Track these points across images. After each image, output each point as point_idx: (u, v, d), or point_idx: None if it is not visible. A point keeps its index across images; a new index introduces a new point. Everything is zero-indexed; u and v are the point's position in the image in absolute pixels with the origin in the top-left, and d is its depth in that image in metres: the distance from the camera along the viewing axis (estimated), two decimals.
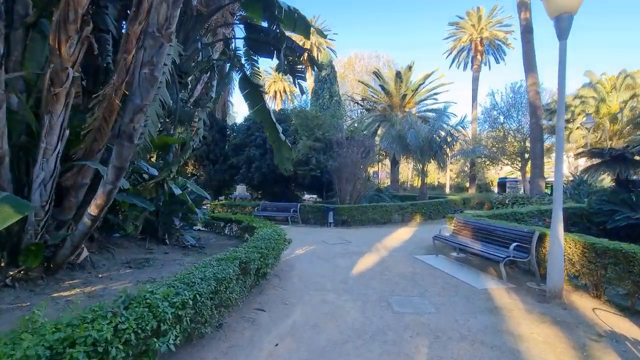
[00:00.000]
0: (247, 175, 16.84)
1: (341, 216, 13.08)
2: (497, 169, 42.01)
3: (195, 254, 6.40)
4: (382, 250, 8.34)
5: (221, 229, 9.59)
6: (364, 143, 14.59)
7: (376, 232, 11.34)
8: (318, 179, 16.08)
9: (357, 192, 14.60)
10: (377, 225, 13.34)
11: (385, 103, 25.93)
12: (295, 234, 11.22)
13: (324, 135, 15.18)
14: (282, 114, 17.97)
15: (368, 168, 15.09)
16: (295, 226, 13.26)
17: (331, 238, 10.09)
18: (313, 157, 14.47)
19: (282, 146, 6.28)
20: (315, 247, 8.69)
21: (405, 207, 14.33)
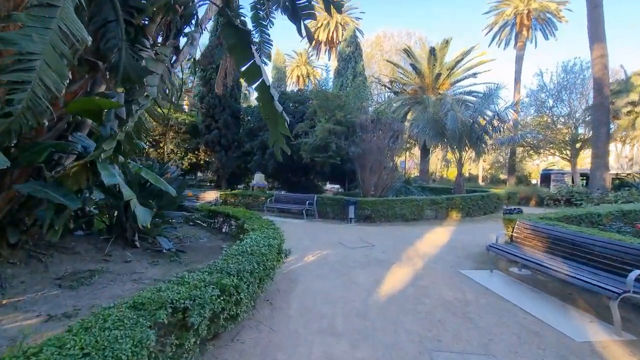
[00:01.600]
0: (261, 162, 15.33)
1: (364, 211, 11.26)
2: (538, 160, 38.30)
3: (166, 264, 4.86)
4: (416, 259, 6.47)
5: (220, 225, 8.08)
6: (392, 127, 12.55)
7: (406, 232, 9.43)
8: (339, 167, 14.27)
9: (383, 184, 12.66)
10: (405, 223, 11.39)
11: (416, 84, 23.39)
12: (310, 230, 9.58)
13: (345, 117, 13.27)
14: (300, 95, 16.18)
15: (396, 156, 13.10)
16: (311, 221, 11.59)
17: (351, 238, 8.33)
18: (333, 142, 12.65)
19: (278, 120, 4.53)
20: (330, 251, 6.96)
21: (439, 202, 12.24)
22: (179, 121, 15.97)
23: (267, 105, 4.50)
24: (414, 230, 9.78)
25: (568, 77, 25.39)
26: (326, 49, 36.25)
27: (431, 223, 11.48)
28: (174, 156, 15.98)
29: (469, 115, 15.42)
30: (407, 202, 11.69)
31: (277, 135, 4.83)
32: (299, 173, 15.89)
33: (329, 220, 11.82)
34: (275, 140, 4.97)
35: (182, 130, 16.14)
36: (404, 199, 11.75)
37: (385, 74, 26.97)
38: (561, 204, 15.93)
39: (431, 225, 11.06)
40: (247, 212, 7.33)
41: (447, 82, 23.42)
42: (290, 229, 9.71)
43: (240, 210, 7.44)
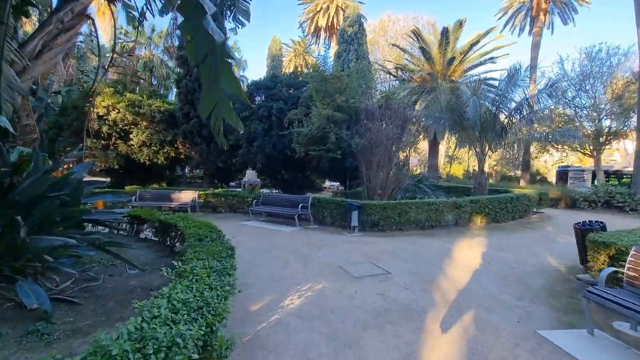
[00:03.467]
0: (248, 157, 13.03)
1: (370, 216, 9.00)
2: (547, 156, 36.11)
3: (14, 341, 2.58)
4: (457, 302, 4.21)
5: (172, 242, 5.79)
6: (404, 114, 10.25)
7: (426, 247, 7.16)
8: (339, 162, 12.00)
9: (394, 183, 10.39)
10: (422, 232, 9.14)
11: (425, 71, 21.03)
12: (301, 245, 7.30)
13: (347, 102, 10.96)
14: (294, 79, 13.83)
15: (408, 149, 10.83)
16: (305, 229, 9.33)
17: (356, 259, 6.07)
18: (331, 132, 10.35)
19: (221, 68, 2.28)
20: (326, 285, 4.71)
21: (462, 205, 9.98)
22: (152, 108, 13.65)
23: (197, 29, 2.27)
24: (435, 244, 7.52)
25: (592, 64, 23.06)
26: (326, 35, 33.78)
27: (453, 231, 9.23)
28: (147, 150, 13.67)
29: (491, 102, 13.13)
30: (423, 205, 9.43)
31: (217, 97, 2.59)
32: (293, 169, 13.60)
33: (327, 228, 9.56)
34: (215, 108, 2.74)
35: (156, 119, 13.82)
36: (420, 202, 9.49)
37: (390, 60, 24.58)
38: (598, 206, 13.69)
39: (454, 234, 8.81)
40: (205, 224, 5.06)
41: (460, 69, 21.07)
42: (276, 243, 7.46)
43: (196, 222, 5.15)
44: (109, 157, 13.09)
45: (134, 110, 13.43)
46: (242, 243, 7.38)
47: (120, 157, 13.46)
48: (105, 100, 12.90)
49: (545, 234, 9.30)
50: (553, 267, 5.86)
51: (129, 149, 13.60)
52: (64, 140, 12.85)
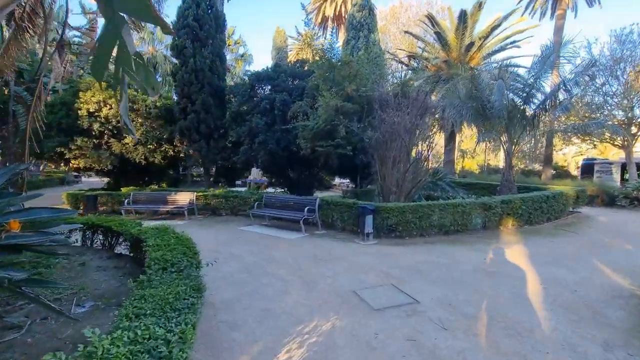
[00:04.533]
0: (250, 154, 11.94)
1: (386, 220, 7.81)
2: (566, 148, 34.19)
3: None
4: (524, 356, 3.00)
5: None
6: (424, 102, 8.96)
7: (458, 261, 5.93)
8: (349, 159, 10.82)
9: (411, 181, 9.15)
10: (447, 237, 7.91)
11: (440, 58, 19.54)
12: (305, 259, 6.09)
13: (358, 91, 9.72)
14: (298, 67, 12.64)
15: (427, 142, 9.51)
16: (311, 236, 8.20)
17: (372, 280, 4.90)
18: (340, 125, 9.13)
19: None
20: (337, 324, 3.55)
21: (492, 205, 8.68)
22: (147, 104, 12.66)
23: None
24: (468, 256, 6.28)
25: (622, 48, 21.14)
26: (334, 26, 32.34)
27: (483, 237, 7.96)
28: (142, 149, 12.70)
29: (521, 86, 11.68)
30: (448, 207, 8.17)
31: (114, 42, 1.46)
32: (299, 167, 12.47)
33: (337, 234, 8.41)
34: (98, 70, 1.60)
35: (152, 115, 12.83)
36: (444, 203, 8.23)
37: (402, 49, 23.10)
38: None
39: (485, 241, 7.54)
40: (181, 241, 3.97)
41: (479, 56, 19.50)
42: (276, 257, 6.31)
43: (171, 239, 4.06)
44: (102, 157, 12.17)
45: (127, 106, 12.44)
46: (237, 257, 6.29)
47: (114, 156, 12.54)
48: (96, 95, 11.96)
49: (592, 239, 7.94)
50: (627, 289, 4.58)
51: (123, 147, 12.66)
52: (52, 139, 11.97)
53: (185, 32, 12.52)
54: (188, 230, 9.17)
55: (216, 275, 5.14)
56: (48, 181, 25.54)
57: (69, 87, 12.85)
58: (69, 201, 11.87)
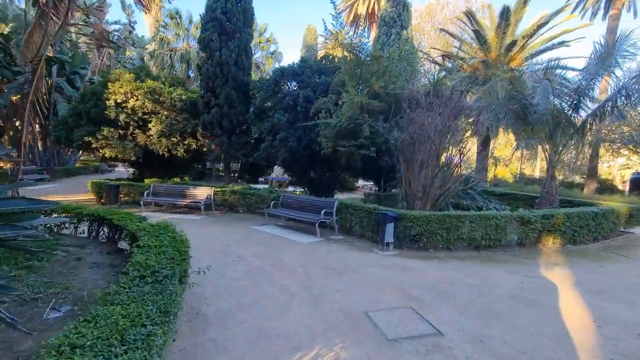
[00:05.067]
0: (270, 151, 11.58)
1: (409, 230, 7.12)
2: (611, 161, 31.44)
3: None
4: None
5: None
6: (459, 103, 8.15)
7: (490, 282, 5.17)
8: (373, 161, 10.18)
9: (440, 189, 8.38)
10: (477, 253, 7.10)
11: (477, 58, 18.31)
12: (317, 269, 5.39)
13: (386, 88, 9.05)
14: (324, 63, 12.12)
15: (460, 147, 8.67)
16: (327, 241, 7.67)
17: (387, 300, 4.29)
18: (365, 124, 8.51)
19: None
20: (338, 353, 2.99)
21: (531, 220, 7.73)
22: (172, 96, 12.65)
23: None
24: (502, 278, 5.48)
25: None
26: (366, 24, 31.54)
27: (518, 256, 7.08)
28: (166, 141, 12.72)
29: (568, 92, 10.50)
30: (480, 220, 7.35)
31: None
32: (320, 167, 11.97)
33: (354, 241, 7.82)
34: None
35: (176, 108, 12.82)
36: (476, 214, 7.40)
37: (437, 48, 21.96)
38: None
39: (522, 261, 6.67)
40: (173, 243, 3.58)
41: (520, 56, 18.07)
42: (285, 263, 5.78)
43: (166, 238, 3.68)
44: (126, 148, 12.28)
45: (153, 98, 12.51)
46: (244, 260, 5.88)
47: (138, 147, 12.63)
48: (124, 86, 12.08)
49: None
50: None
51: (147, 139, 12.74)
52: (81, 129, 12.23)
53: (212, 24, 12.38)
54: (200, 227, 9.01)
55: (218, 280, 4.75)
56: (83, 169, 26.68)
57: (103, 79, 13.12)
58: (93, 189, 12.08)
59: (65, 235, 5.72)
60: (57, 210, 5.43)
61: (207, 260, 5.79)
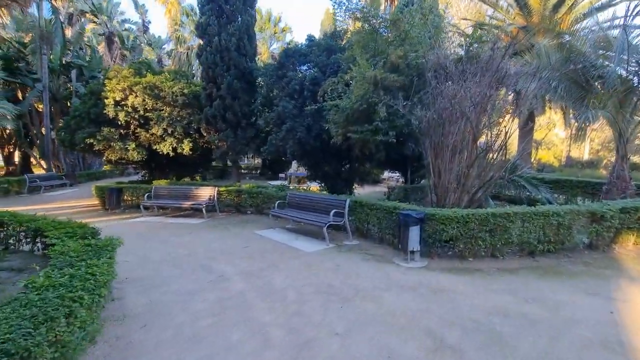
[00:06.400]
0: (278, 144, 10.31)
1: (440, 233, 5.55)
2: None
3: None
4: None
5: None
6: (502, 67, 6.33)
7: (561, 309, 3.54)
8: (395, 148, 8.61)
9: (479, 179, 6.68)
10: (533, 262, 5.41)
11: (517, 24, 15.83)
12: (312, 293, 3.89)
13: (406, 58, 7.39)
14: (334, 39, 10.55)
15: (505, 124, 6.82)
16: (337, 247, 6.27)
17: (407, 352, 2.83)
18: (380, 103, 6.93)
19: None
20: None
21: (605, 215, 5.84)
22: (174, 90, 11.71)
23: None
24: (575, 301, 3.82)
25: None
26: (386, 4, 29.29)
27: (593, 264, 5.30)
28: (170, 139, 11.84)
29: None
30: (536, 217, 5.60)
31: None
32: (335, 158, 10.53)
33: (371, 247, 6.35)
34: None
35: (178, 103, 11.88)
36: (530, 211, 5.64)
37: (467, 19, 19.47)
38: None
39: (598, 272, 4.90)
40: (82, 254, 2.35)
41: (568, 19, 15.34)
42: (276, 285, 4.29)
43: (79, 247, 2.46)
44: (129, 148, 11.54)
45: (154, 94, 11.63)
46: (223, 281, 4.65)
47: (141, 147, 11.86)
48: (121, 82, 11.30)
49: None
50: None
51: (151, 138, 11.93)
52: (83, 130, 11.63)
53: (209, 8, 11.21)
54: (195, 233, 7.86)
55: (172, 320, 3.53)
56: (109, 172, 26.98)
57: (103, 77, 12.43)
58: (97, 194, 11.48)
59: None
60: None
61: (176, 283, 4.63)
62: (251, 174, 30.66)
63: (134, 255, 5.96)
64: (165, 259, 5.84)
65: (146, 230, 8.25)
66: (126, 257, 5.91)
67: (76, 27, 21.39)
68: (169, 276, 4.97)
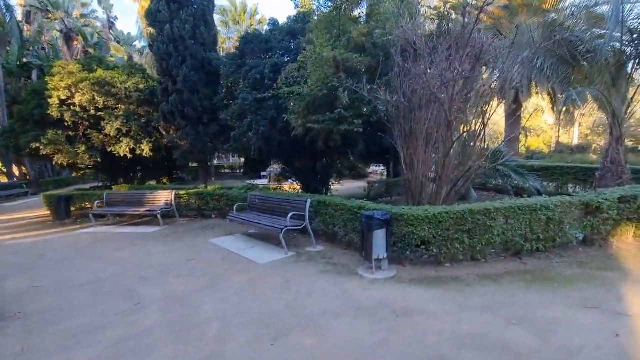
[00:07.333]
0: (242, 140, 9.33)
1: (410, 237, 4.69)
2: None
3: None
4: None
5: None
6: (474, 40, 5.46)
7: (553, 332, 2.70)
8: (374, 140, 7.75)
9: (457, 168, 5.84)
10: (521, 265, 4.61)
11: (500, 3, 15.04)
12: (241, 322, 3.22)
13: (371, 36, 6.48)
14: (299, 22, 9.56)
15: (482, 108, 5.99)
16: (296, 257, 5.38)
17: None
18: (343, 88, 6.02)
19: None
20: None
21: (601, 206, 5.06)
22: (127, 86, 10.61)
23: None
24: (573, 322, 2.99)
25: None
26: None
27: (589, 264, 4.53)
28: (127, 140, 10.76)
29: None
30: (521, 212, 4.79)
31: None
32: (306, 153, 9.59)
33: (336, 254, 5.48)
34: None
35: (133, 100, 10.79)
36: (514, 205, 4.81)
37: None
38: None
39: (595, 274, 4.11)
40: None
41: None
42: (202, 314, 3.24)
43: None
44: (79, 152, 10.43)
45: (104, 91, 10.52)
46: (136, 312, 3.71)
47: (93, 150, 10.76)
48: (65, 79, 10.15)
49: None
50: None
51: (105, 139, 10.83)
52: (27, 134, 10.47)
53: None
54: (140, 245, 6.64)
55: None
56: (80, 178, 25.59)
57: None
58: (46, 203, 10.37)
59: None
60: None
61: (79, 316, 3.69)
62: (234, 174, 29.50)
63: (50, 279, 5.00)
64: (87, 281, 4.88)
65: (87, 243, 7.24)
66: (41, 281, 4.96)
67: (34, 26, 19.97)
68: (78, 306, 4.02)
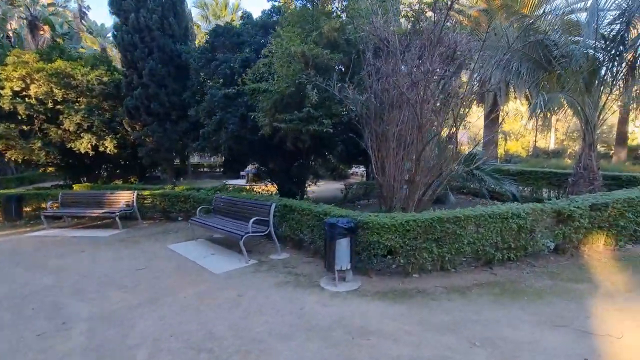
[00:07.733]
0: (211, 138, 8.83)
1: (376, 246, 4.37)
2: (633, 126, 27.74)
3: None
4: None
5: None
6: (451, 41, 5.19)
7: (518, 357, 2.44)
8: (353, 140, 7.40)
9: (431, 172, 5.59)
10: (490, 276, 4.39)
11: (479, 6, 15.06)
12: (171, 352, 2.74)
13: (343, 31, 6.15)
14: (273, 15, 9.12)
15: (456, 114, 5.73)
16: (255, 265, 4.97)
17: None
18: (309, 85, 5.65)
19: None
20: None
21: (573, 214, 4.89)
22: (89, 78, 9.90)
23: None
24: (541, 343, 2.73)
25: None
26: None
27: (559, 275, 4.35)
28: (89, 136, 10.04)
29: None
30: (491, 220, 4.55)
31: None
32: (279, 153, 9.17)
33: (301, 263, 5.11)
34: None
35: (95, 93, 10.08)
36: (485, 213, 4.57)
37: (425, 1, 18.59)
38: None
39: (566, 286, 3.92)
40: None
41: (532, 2, 14.75)
42: (128, 342, 3.03)
43: None
44: (34, 148, 9.66)
45: (64, 83, 9.78)
46: (65, 330, 3.21)
47: (51, 146, 9.99)
48: (18, 69, 9.36)
49: None
50: None
51: (64, 135, 10.08)
52: None
53: None
54: (90, 252, 5.82)
55: None
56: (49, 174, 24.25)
57: None
58: None
59: None
60: None
61: None
62: (213, 173, 28.59)
63: None
64: (11, 295, 4.32)
65: (31, 249, 6.60)
66: None
67: None
68: None
